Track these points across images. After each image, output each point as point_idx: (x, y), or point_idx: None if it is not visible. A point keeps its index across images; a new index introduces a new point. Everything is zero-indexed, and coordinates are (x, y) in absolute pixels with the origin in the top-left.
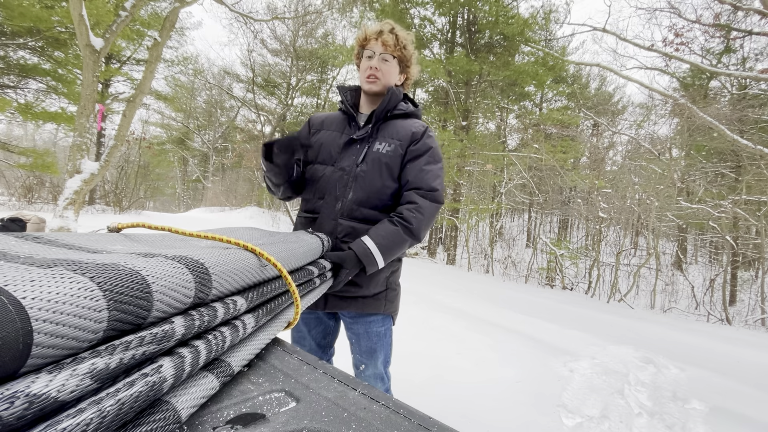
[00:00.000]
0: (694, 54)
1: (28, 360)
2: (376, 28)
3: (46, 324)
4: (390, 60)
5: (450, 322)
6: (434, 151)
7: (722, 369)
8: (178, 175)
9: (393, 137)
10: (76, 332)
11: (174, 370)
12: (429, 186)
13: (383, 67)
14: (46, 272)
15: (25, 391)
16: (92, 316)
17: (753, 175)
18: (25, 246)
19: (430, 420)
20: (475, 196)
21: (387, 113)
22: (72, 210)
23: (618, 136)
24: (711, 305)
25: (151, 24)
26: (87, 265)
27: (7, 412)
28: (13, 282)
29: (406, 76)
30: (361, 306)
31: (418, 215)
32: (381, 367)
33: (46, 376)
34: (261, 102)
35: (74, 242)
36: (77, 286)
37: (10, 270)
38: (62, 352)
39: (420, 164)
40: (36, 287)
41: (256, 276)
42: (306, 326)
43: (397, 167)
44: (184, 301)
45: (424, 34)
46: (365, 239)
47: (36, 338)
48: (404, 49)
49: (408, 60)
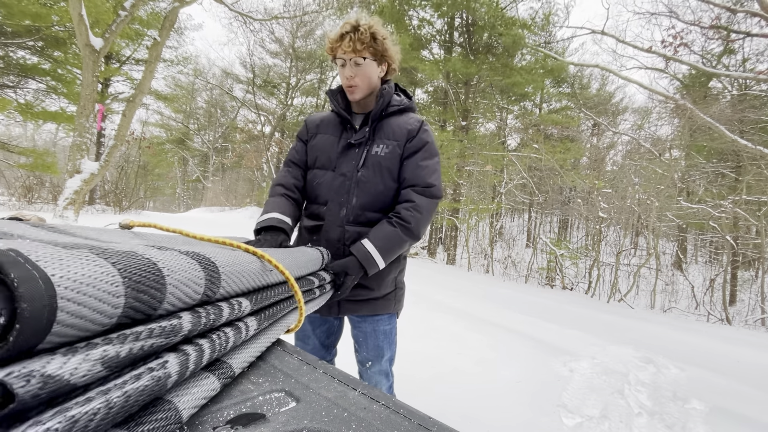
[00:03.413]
0: (693, 55)
1: (47, 337)
2: (338, 32)
3: (70, 303)
4: (362, 61)
5: (450, 322)
6: (430, 146)
7: (722, 369)
8: (178, 175)
9: (390, 138)
10: (95, 314)
11: (178, 366)
12: (425, 182)
13: (359, 72)
14: (72, 253)
15: (41, 370)
16: (111, 300)
17: (753, 175)
18: (42, 233)
19: (430, 420)
20: (475, 196)
21: (382, 113)
22: (72, 210)
23: (619, 136)
24: (711, 305)
25: (150, 24)
26: (108, 251)
27: (23, 389)
28: (44, 258)
29: (388, 63)
30: (373, 308)
31: (416, 214)
32: (386, 364)
33: (61, 358)
34: (261, 102)
35: (87, 234)
36: (100, 269)
37: (40, 247)
38: (77, 333)
39: (416, 161)
40: (64, 266)
41: (261, 280)
42: (311, 325)
43: (396, 168)
44: (193, 296)
45: (423, 35)
46: (365, 242)
47: (59, 316)
48: (374, 42)
49: (382, 50)
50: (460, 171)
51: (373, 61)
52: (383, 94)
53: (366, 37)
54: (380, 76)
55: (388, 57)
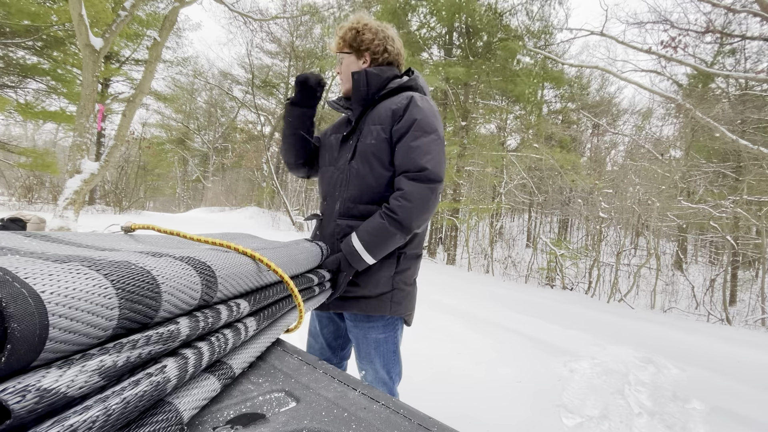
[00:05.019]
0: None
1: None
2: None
3: (62, 319)
4: (345, 57)
5: (450, 322)
6: (420, 122)
7: (722, 369)
8: (178, 175)
9: (375, 122)
10: (88, 329)
11: (177, 370)
12: (417, 166)
13: (342, 68)
14: (62, 267)
15: (36, 385)
16: (104, 313)
17: (754, 176)
18: (34, 243)
19: (430, 420)
20: (475, 196)
21: (373, 97)
22: (72, 210)
23: (620, 137)
24: (711, 305)
25: (149, 23)
26: (100, 262)
27: (18, 405)
28: (33, 275)
29: (371, 53)
30: (363, 307)
31: (404, 203)
32: (383, 372)
33: (57, 371)
34: (260, 102)
35: (81, 241)
36: (92, 282)
37: (29, 263)
38: (72, 347)
39: (407, 142)
40: (54, 281)
41: (258, 280)
42: (319, 323)
43: (386, 154)
44: (190, 302)
45: (422, 37)
46: (352, 236)
47: (51, 333)
48: (350, 33)
49: (358, 41)
50: (460, 171)
51: (350, 54)
52: (368, 75)
53: (346, 34)
54: (363, 67)
55: (368, 45)
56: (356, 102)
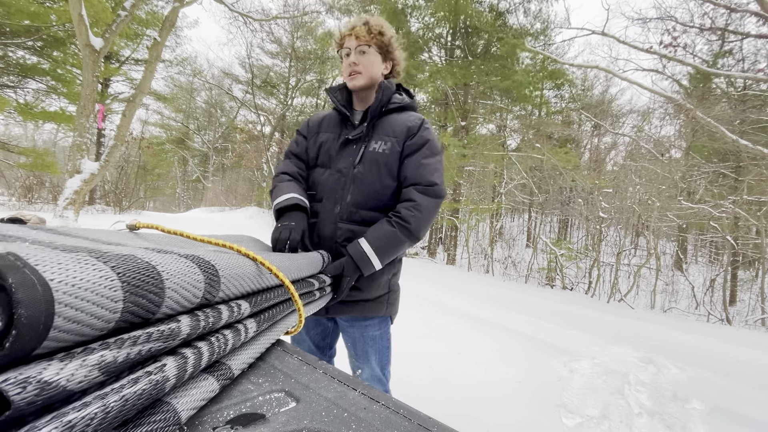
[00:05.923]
0: (690, 56)
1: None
2: (349, 25)
3: (68, 308)
4: (367, 50)
5: (450, 322)
6: (432, 143)
7: (722, 369)
8: (178, 175)
9: (389, 134)
10: (92, 320)
11: (177, 370)
12: (428, 181)
13: (362, 60)
14: (71, 256)
15: (37, 377)
16: (109, 305)
17: (754, 176)
18: (42, 234)
19: (430, 420)
20: (475, 196)
21: (382, 109)
22: (72, 210)
23: (620, 137)
24: (711, 305)
25: (149, 23)
26: (107, 254)
27: (19, 396)
28: (43, 262)
29: (393, 63)
30: (362, 309)
31: (416, 213)
32: (377, 369)
33: (58, 364)
34: (260, 102)
35: (87, 235)
36: (99, 273)
37: (38, 251)
38: (75, 338)
39: (418, 159)
40: (63, 270)
41: (260, 282)
42: (304, 327)
43: (395, 165)
44: (192, 300)
45: (422, 38)
46: (361, 241)
47: (56, 321)
48: (381, 35)
49: (388, 45)
50: (460, 171)
51: (377, 53)
52: (382, 88)
53: (374, 30)
54: (383, 72)
55: (393, 56)
56: (374, 108)
